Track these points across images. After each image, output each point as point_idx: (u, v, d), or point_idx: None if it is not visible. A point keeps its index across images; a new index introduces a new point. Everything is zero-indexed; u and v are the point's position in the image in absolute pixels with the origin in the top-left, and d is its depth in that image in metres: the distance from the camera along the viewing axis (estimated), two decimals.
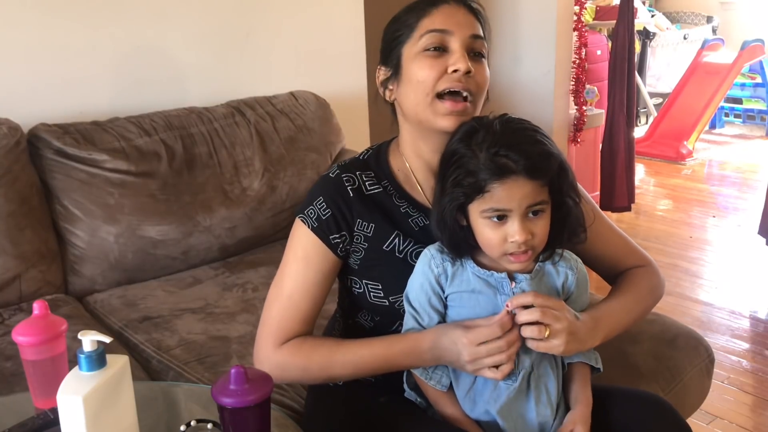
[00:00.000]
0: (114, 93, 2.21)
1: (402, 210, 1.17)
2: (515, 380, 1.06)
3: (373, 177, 1.18)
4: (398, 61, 1.13)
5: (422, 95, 1.10)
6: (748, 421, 2.15)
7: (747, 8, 6.27)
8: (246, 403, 0.88)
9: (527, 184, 0.99)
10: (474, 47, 1.11)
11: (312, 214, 1.15)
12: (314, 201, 1.16)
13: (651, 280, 1.24)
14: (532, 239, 1.01)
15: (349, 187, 1.15)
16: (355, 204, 1.15)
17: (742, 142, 5.62)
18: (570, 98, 3.79)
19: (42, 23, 2.05)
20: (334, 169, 1.18)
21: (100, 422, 0.90)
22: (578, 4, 3.65)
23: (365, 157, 1.22)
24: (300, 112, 2.33)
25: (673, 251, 3.47)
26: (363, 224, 1.15)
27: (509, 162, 0.98)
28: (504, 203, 0.99)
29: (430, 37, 1.09)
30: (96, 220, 1.90)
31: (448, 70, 1.08)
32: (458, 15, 1.11)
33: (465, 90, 1.08)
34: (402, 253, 1.14)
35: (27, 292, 1.81)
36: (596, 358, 1.15)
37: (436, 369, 1.09)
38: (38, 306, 1.11)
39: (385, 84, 1.17)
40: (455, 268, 1.07)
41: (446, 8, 1.11)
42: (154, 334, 1.67)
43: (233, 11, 2.43)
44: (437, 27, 1.09)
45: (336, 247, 1.14)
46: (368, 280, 1.15)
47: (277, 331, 1.14)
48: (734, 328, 2.71)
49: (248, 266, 2.05)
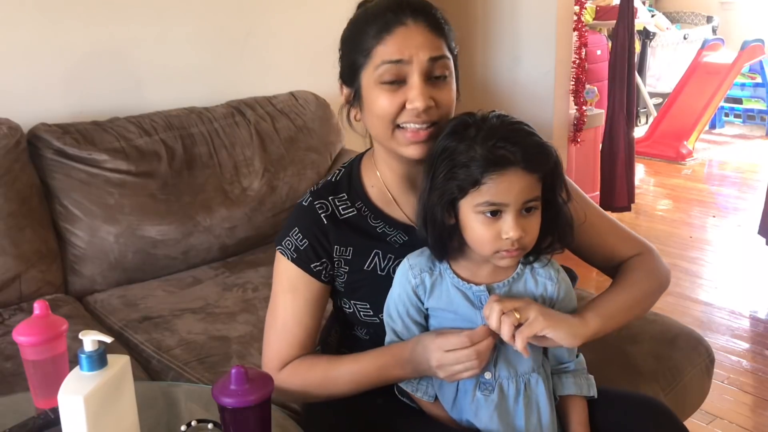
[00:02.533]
0: (114, 93, 2.21)
1: (378, 230, 1.15)
2: (492, 391, 1.04)
3: (346, 200, 1.16)
4: (359, 87, 1.08)
5: (383, 127, 1.06)
6: (748, 421, 2.15)
7: (747, 8, 6.27)
8: (246, 403, 0.88)
9: (525, 177, 0.97)
10: (434, 71, 1.04)
11: (290, 246, 1.15)
12: (290, 232, 1.15)
13: (649, 264, 1.20)
14: (524, 237, 0.98)
15: (323, 215, 1.14)
16: (330, 231, 1.14)
17: (742, 142, 5.62)
18: (570, 98, 3.79)
19: (42, 23, 2.06)
20: (307, 197, 1.17)
21: (100, 422, 0.90)
22: (578, 4, 3.65)
23: (337, 179, 1.19)
24: (300, 112, 2.33)
25: (673, 251, 3.47)
26: (341, 249, 1.14)
27: (507, 153, 0.96)
28: (501, 197, 0.96)
29: (386, 69, 1.03)
30: (96, 220, 1.89)
31: (406, 105, 1.03)
32: (415, 38, 1.03)
33: (427, 122, 1.04)
34: (384, 271, 1.13)
35: (27, 292, 1.81)
36: (589, 386, 1.11)
37: (421, 380, 1.08)
38: (39, 306, 1.11)
39: (350, 104, 1.13)
40: (434, 279, 1.05)
41: (401, 32, 1.03)
42: (154, 334, 1.67)
43: (233, 11, 2.43)
44: (392, 58, 1.03)
45: (319, 275, 1.14)
46: (356, 301, 1.16)
47: (276, 357, 1.16)
48: (734, 328, 2.71)
49: (248, 266, 2.05)
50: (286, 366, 1.15)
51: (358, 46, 1.07)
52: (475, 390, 1.05)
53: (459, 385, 1.06)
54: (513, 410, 1.05)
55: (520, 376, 1.05)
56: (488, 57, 3.86)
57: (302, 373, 1.14)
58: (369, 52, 1.05)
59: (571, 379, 1.10)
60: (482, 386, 1.05)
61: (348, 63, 1.10)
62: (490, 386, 1.04)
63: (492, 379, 1.04)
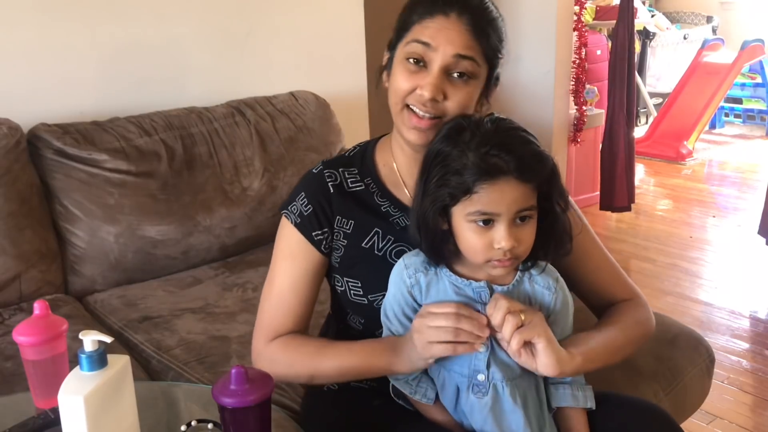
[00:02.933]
0: (114, 93, 2.21)
1: (383, 209, 1.16)
2: (485, 393, 1.02)
3: (356, 174, 1.18)
4: (393, 56, 1.12)
5: (394, 101, 1.09)
6: (748, 421, 2.15)
7: (747, 8, 6.27)
8: (246, 403, 0.88)
9: (518, 187, 0.94)
10: (457, 67, 1.05)
11: (295, 210, 1.17)
12: (297, 197, 1.17)
13: (638, 312, 1.19)
14: (517, 247, 0.96)
15: (330, 183, 1.16)
16: (334, 200, 1.15)
17: (742, 142, 5.62)
18: (570, 98, 3.79)
19: (42, 23, 2.05)
20: (318, 165, 1.19)
21: (100, 422, 0.90)
22: (578, 4, 3.66)
23: (351, 154, 1.22)
24: (300, 112, 2.33)
25: (673, 251, 3.47)
26: (342, 221, 1.15)
27: (500, 162, 0.93)
28: (492, 206, 0.94)
29: (413, 46, 1.06)
30: (96, 220, 1.90)
31: (416, 90, 1.05)
32: (451, 30, 1.04)
33: (429, 113, 1.05)
34: (381, 251, 1.14)
35: (27, 292, 1.81)
36: (586, 397, 1.08)
37: (420, 382, 1.07)
38: (39, 306, 1.11)
39: (382, 70, 1.16)
40: (429, 278, 1.03)
41: (441, 20, 1.05)
42: (154, 334, 1.67)
43: (233, 11, 2.43)
44: (422, 39, 1.05)
45: (319, 244, 1.15)
46: (348, 278, 1.16)
47: (268, 327, 1.16)
48: (734, 328, 2.71)
49: (248, 266, 2.05)
50: (278, 338, 1.15)
51: (405, 19, 1.10)
52: (468, 392, 1.03)
53: (458, 385, 1.05)
54: (509, 414, 1.03)
55: (514, 379, 1.03)
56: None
57: (292, 348, 1.14)
58: (409, 27, 1.08)
59: (568, 390, 1.07)
60: (475, 388, 1.03)
61: (395, 30, 1.13)
62: (483, 388, 1.02)
63: (485, 381, 1.02)
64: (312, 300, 1.18)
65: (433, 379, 1.08)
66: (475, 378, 1.03)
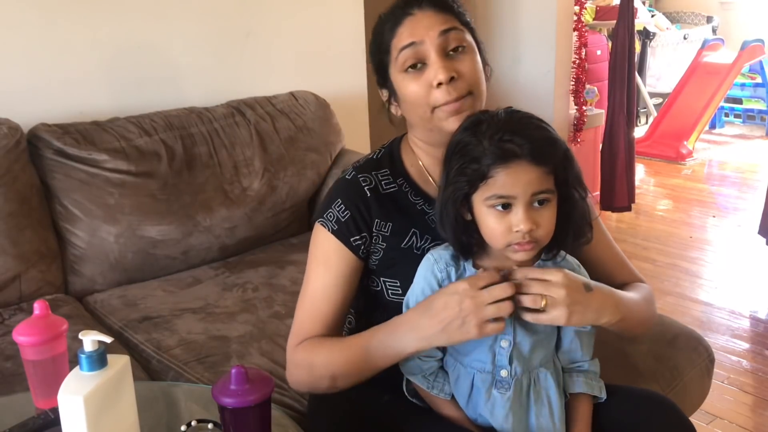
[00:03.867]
0: (114, 93, 2.21)
1: (418, 207, 1.17)
2: (508, 389, 1.04)
3: (388, 175, 1.19)
4: (391, 84, 1.14)
5: (421, 112, 1.11)
6: (748, 421, 2.15)
7: (747, 8, 6.27)
8: (246, 403, 0.88)
9: (532, 170, 0.97)
10: (449, 44, 1.09)
11: (331, 218, 1.16)
12: (333, 204, 1.16)
13: (650, 293, 1.23)
14: (536, 230, 0.98)
15: (366, 187, 1.16)
16: (372, 204, 1.15)
17: (742, 142, 5.62)
18: (570, 98, 3.79)
19: (42, 23, 2.06)
20: (350, 171, 1.19)
21: (100, 422, 0.90)
22: (578, 4, 3.65)
23: (379, 156, 1.22)
24: (300, 112, 2.33)
25: (673, 251, 3.47)
26: (381, 224, 1.15)
27: (514, 146, 0.97)
28: (508, 189, 0.97)
29: (404, 55, 1.09)
30: (96, 220, 1.90)
31: (433, 84, 1.07)
32: (423, 21, 1.09)
33: (458, 96, 1.08)
34: (420, 250, 1.14)
35: (27, 292, 1.81)
36: (600, 387, 1.11)
37: (437, 377, 1.08)
38: (39, 306, 1.11)
39: (389, 103, 1.18)
40: (459, 273, 1.05)
41: (410, 20, 1.10)
42: (154, 334, 1.67)
43: (233, 11, 2.43)
44: (405, 43, 1.09)
45: (357, 249, 1.15)
46: (386, 278, 1.16)
47: (297, 333, 1.16)
48: (734, 328, 2.71)
49: (248, 266, 2.05)
50: (303, 342, 1.14)
51: (379, 48, 1.14)
52: (491, 388, 1.04)
53: (474, 381, 1.05)
54: (525, 404, 1.05)
55: (531, 370, 1.06)
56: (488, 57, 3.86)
57: (311, 348, 1.12)
58: (388, 49, 1.12)
59: (582, 378, 1.10)
60: (498, 384, 1.04)
61: (377, 67, 1.17)
62: (507, 384, 1.04)
63: (508, 377, 1.04)
64: (345, 305, 1.17)
65: (448, 371, 1.08)
66: (499, 374, 1.04)
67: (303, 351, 1.14)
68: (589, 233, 1.08)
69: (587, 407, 1.10)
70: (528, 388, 1.05)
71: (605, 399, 1.12)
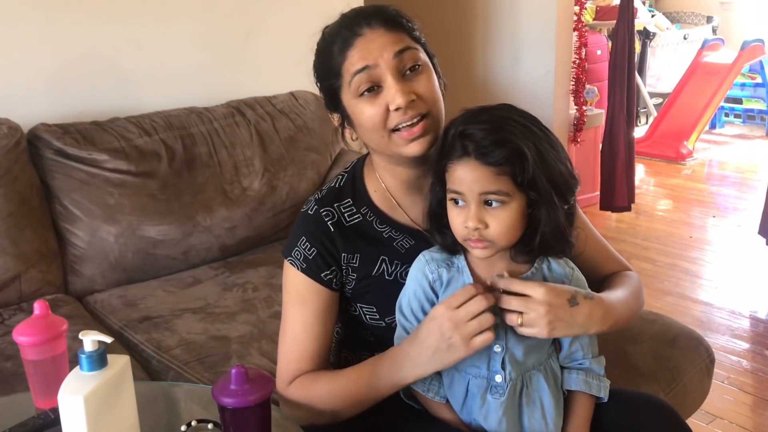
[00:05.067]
0: (114, 93, 2.21)
1: (385, 235, 1.15)
2: (503, 394, 1.03)
3: (351, 206, 1.16)
4: (344, 109, 1.10)
5: (377, 135, 1.06)
6: (748, 421, 2.15)
7: (747, 8, 6.27)
8: (246, 403, 0.88)
9: (479, 169, 0.96)
10: (404, 64, 1.04)
11: (299, 256, 1.14)
12: (298, 242, 1.14)
13: (638, 282, 1.22)
14: (485, 229, 0.97)
15: (329, 222, 1.14)
16: (337, 238, 1.13)
17: (742, 142, 5.62)
18: (570, 98, 3.79)
19: (42, 23, 2.06)
20: (312, 205, 1.16)
21: (100, 422, 0.90)
22: (578, 4, 3.66)
23: (341, 184, 1.19)
24: (300, 112, 2.33)
25: (673, 251, 3.47)
26: (348, 257, 1.14)
27: (467, 143, 0.97)
28: (457, 185, 0.98)
29: (358, 80, 1.04)
30: (96, 220, 1.90)
31: (389, 108, 1.03)
32: (374, 42, 1.04)
33: (416, 116, 1.04)
34: (392, 276, 1.13)
35: (27, 292, 1.81)
36: (600, 386, 1.09)
37: (432, 381, 1.07)
38: (39, 306, 1.10)
39: (342, 128, 1.14)
40: (451, 274, 1.04)
41: (361, 42, 1.04)
42: (154, 334, 1.67)
43: (233, 11, 2.43)
44: (358, 67, 1.04)
45: (330, 283, 1.14)
46: (362, 304, 1.15)
47: (286, 372, 1.15)
48: (734, 328, 2.71)
49: (248, 266, 2.05)
50: (295, 380, 1.13)
51: (329, 72, 1.10)
52: (485, 394, 1.04)
53: (469, 386, 1.05)
54: (517, 407, 1.05)
55: (524, 373, 1.05)
56: (488, 57, 3.86)
57: (307, 385, 1.12)
58: (339, 72, 1.07)
59: (582, 376, 1.09)
60: (493, 389, 1.04)
61: (326, 91, 1.12)
62: (501, 389, 1.03)
63: (503, 381, 1.03)
64: (328, 336, 1.16)
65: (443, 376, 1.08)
66: (494, 379, 1.04)
67: (299, 390, 1.13)
68: (561, 246, 1.03)
69: (584, 405, 1.09)
70: (520, 391, 1.05)
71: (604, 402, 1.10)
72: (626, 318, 1.12)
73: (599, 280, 1.22)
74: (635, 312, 1.17)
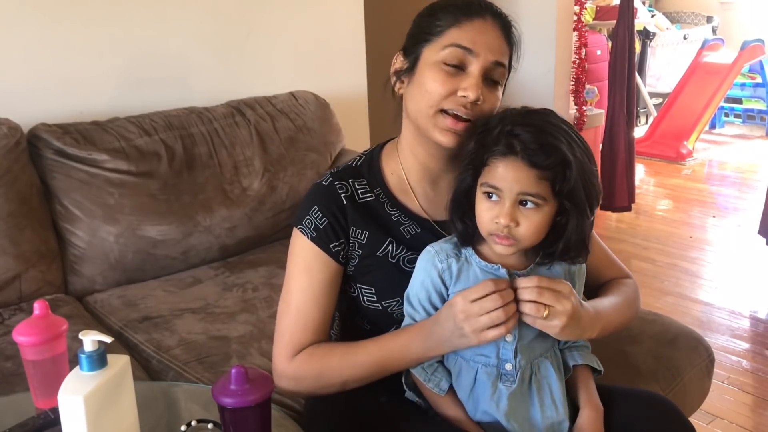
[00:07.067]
0: (114, 93, 2.21)
1: (394, 218, 1.17)
2: (513, 381, 1.05)
3: (365, 185, 1.18)
4: (416, 59, 1.11)
5: (426, 105, 1.08)
6: (748, 421, 2.15)
7: (747, 8, 6.27)
8: (246, 403, 0.88)
9: (523, 169, 0.98)
10: (492, 74, 1.09)
11: (309, 224, 1.15)
12: (310, 210, 1.15)
13: (634, 290, 1.24)
14: (515, 228, 0.99)
15: (342, 195, 1.15)
16: (348, 211, 1.15)
17: (742, 142, 5.62)
18: (570, 98, 3.79)
19: (42, 23, 2.06)
20: (327, 177, 1.18)
21: (100, 422, 0.90)
22: (578, 4, 3.66)
23: (358, 164, 1.21)
24: (300, 112, 2.33)
25: (673, 251, 3.47)
26: (356, 231, 1.15)
27: (515, 142, 0.98)
28: (496, 180, 0.99)
29: (453, 51, 1.07)
30: (96, 220, 1.90)
31: (458, 92, 1.06)
32: (489, 35, 1.08)
33: (468, 115, 1.07)
34: (395, 259, 1.14)
35: (27, 292, 1.81)
36: (596, 359, 1.15)
37: (435, 371, 1.08)
38: (39, 306, 1.11)
39: (399, 74, 1.15)
40: (460, 265, 1.06)
41: (479, 24, 1.07)
42: (154, 334, 1.67)
43: (233, 11, 2.43)
44: (463, 44, 1.06)
45: (337, 255, 1.14)
46: (362, 285, 1.16)
47: (290, 344, 1.14)
48: (734, 328, 2.71)
49: (248, 266, 2.05)
50: (300, 353, 1.13)
51: (432, 23, 1.10)
52: (496, 382, 1.05)
53: (477, 375, 1.06)
54: (527, 395, 1.06)
55: (533, 360, 1.07)
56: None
57: (319, 358, 1.12)
58: (442, 31, 1.08)
59: (579, 352, 1.13)
60: (504, 378, 1.05)
61: (415, 34, 1.13)
62: (512, 377, 1.05)
63: (513, 370, 1.05)
64: (332, 310, 1.17)
65: (449, 367, 1.09)
66: (504, 368, 1.05)
67: (305, 362, 1.13)
68: (576, 252, 1.05)
69: (590, 378, 1.13)
70: (530, 379, 1.06)
71: (606, 400, 1.12)
72: (615, 325, 1.15)
73: (599, 286, 1.24)
74: (628, 319, 1.20)
